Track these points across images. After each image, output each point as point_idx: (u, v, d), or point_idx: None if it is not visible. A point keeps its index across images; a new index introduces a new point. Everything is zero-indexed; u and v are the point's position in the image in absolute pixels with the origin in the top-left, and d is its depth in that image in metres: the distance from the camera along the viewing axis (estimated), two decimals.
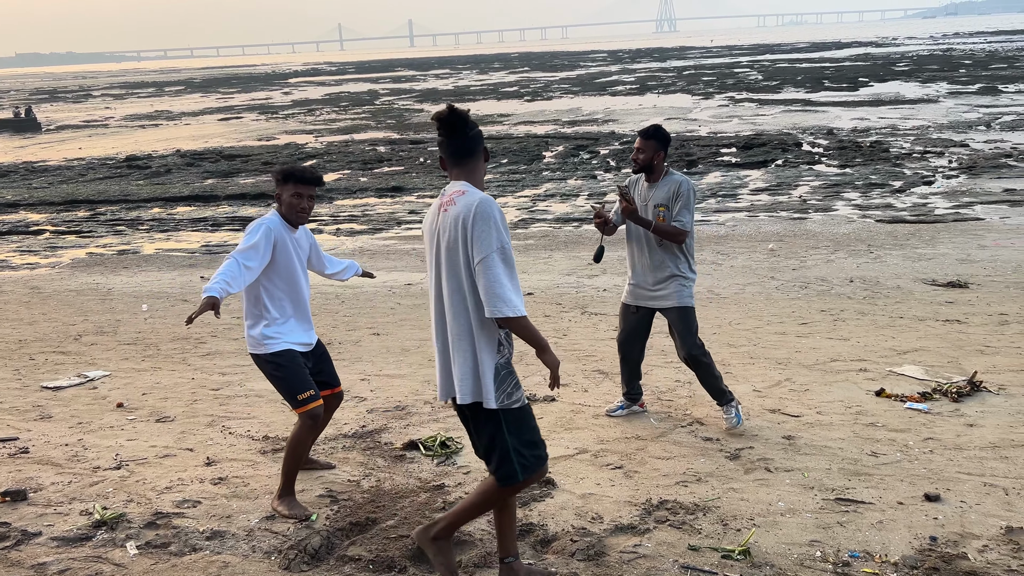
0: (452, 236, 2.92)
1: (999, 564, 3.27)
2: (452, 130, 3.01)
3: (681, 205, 4.65)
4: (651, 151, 4.69)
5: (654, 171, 4.75)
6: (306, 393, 3.86)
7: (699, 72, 54.65)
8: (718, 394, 4.82)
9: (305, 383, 3.88)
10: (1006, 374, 5.82)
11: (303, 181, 3.89)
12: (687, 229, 4.66)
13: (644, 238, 4.76)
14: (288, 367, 3.86)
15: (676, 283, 4.74)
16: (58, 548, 3.58)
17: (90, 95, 67.17)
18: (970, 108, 27.16)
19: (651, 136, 4.71)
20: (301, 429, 3.88)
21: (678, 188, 4.68)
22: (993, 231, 11.67)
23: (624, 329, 5.00)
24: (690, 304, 4.78)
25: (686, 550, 3.43)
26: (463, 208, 2.91)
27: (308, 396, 3.86)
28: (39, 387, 6.18)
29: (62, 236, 14.48)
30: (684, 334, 4.76)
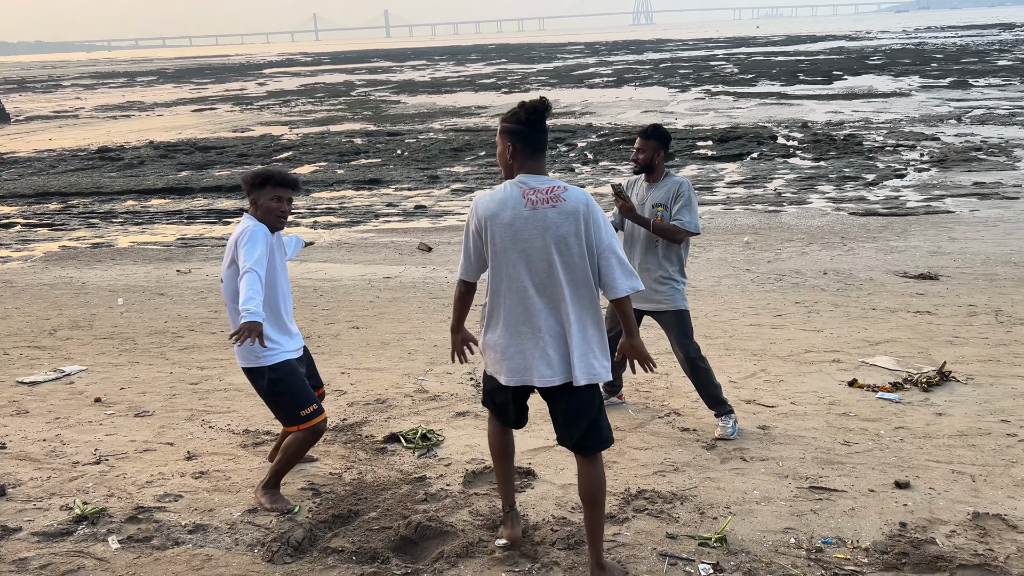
0: (567, 229, 3.03)
1: (966, 548, 3.38)
2: (542, 121, 3.08)
3: (682, 205, 4.64)
4: (651, 151, 4.68)
5: (654, 171, 4.74)
6: (309, 408, 3.79)
7: (676, 65, 54.87)
8: (716, 403, 4.73)
9: (308, 397, 3.81)
10: (974, 364, 5.96)
11: (283, 184, 3.81)
12: (687, 228, 4.63)
13: (640, 241, 4.75)
14: (287, 380, 3.78)
15: (670, 287, 4.74)
16: (39, 543, 3.58)
17: (60, 85, 66.10)
18: (941, 102, 27.54)
19: (651, 136, 4.69)
20: (301, 443, 3.82)
21: (678, 189, 4.69)
22: (963, 224, 11.88)
23: (612, 327, 5.00)
24: (685, 307, 4.79)
25: (664, 538, 3.50)
26: (576, 202, 3.04)
27: (312, 411, 3.80)
28: (14, 382, 6.13)
29: (34, 229, 14.29)
30: (680, 337, 4.75)
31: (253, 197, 3.83)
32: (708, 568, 3.26)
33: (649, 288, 4.72)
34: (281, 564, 3.38)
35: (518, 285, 3.08)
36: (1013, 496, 3.87)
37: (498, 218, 3.05)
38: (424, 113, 30.69)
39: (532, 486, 4.04)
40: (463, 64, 71.58)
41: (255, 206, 3.83)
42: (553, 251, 3.03)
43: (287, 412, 3.81)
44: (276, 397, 3.80)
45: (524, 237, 3.04)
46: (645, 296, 4.75)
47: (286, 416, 3.83)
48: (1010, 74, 36.02)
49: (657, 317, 4.80)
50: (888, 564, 3.28)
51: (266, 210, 3.80)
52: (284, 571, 3.33)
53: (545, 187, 3.05)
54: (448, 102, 35.09)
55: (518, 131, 3.07)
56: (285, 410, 3.82)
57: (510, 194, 3.06)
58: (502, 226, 3.05)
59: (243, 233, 3.73)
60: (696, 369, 4.72)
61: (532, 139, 3.07)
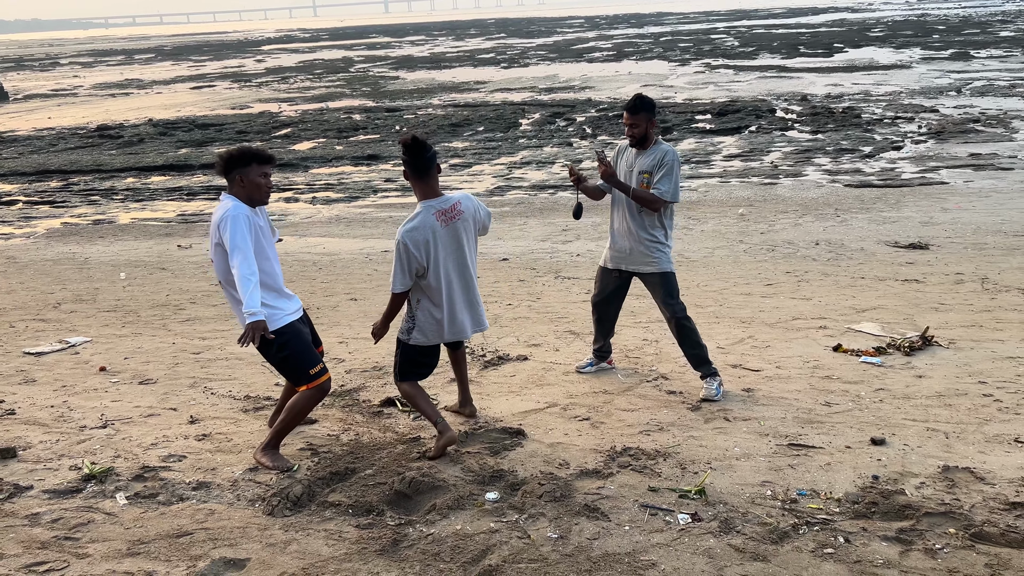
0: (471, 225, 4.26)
1: (933, 499, 3.54)
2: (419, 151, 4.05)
3: (663, 174, 4.74)
4: (644, 123, 4.76)
5: (647, 140, 4.84)
6: (316, 367, 3.97)
7: (676, 38, 54.55)
8: (701, 363, 4.88)
9: (314, 357, 3.98)
10: (957, 329, 6.10)
11: (268, 160, 3.92)
12: (664, 198, 4.74)
13: (626, 204, 4.85)
14: (293, 342, 3.93)
15: (656, 249, 4.87)
16: (50, 500, 3.75)
17: (58, 63, 65.81)
18: (942, 74, 27.45)
19: (640, 108, 4.75)
20: (308, 400, 3.99)
21: (663, 157, 4.78)
22: (956, 194, 11.97)
23: (601, 291, 5.12)
24: (671, 269, 4.92)
25: (646, 491, 3.67)
26: (470, 205, 4.27)
27: (319, 370, 3.97)
28: (21, 353, 6.29)
29: (35, 206, 14.40)
30: (667, 298, 4.88)
31: (237, 175, 3.89)
32: (687, 518, 3.42)
33: (636, 251, 4.87)
34: (281, 517, 3.54)
35: (449, 276, 4.15)
36: (983, 451, 4.03)
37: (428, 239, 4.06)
38: (423, 89, 30.64)
39: (522, 445, 4.20)
40: (462, 39, 71.15)
41: (239, 184, 3.90)
42: (465, 248, 4.18)
43: (297, 372, 3.98)
44: (284, 360, 3.96)
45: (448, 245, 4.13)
46: (632, 258, 4.90)
47: (296, 376, 3.99)
48: (1012, 45, 35.84)
49: (643, 279, 4.94)
50: (858, 513, 3.44)
51: (254, 186, 3.90)
52: (284, 523, 3.50)
53: (448, 206, 4.13)
54: (447, 77, 34.99)
55: (406, 160, 4.07)
56: (295, 370, 3.98)
57: (428, 219, 4.06)
58: (433, 244, 4.06)
59: (224, 220, 3.81)
60: (683, 329, 4.86)
61: (415, 165, 4.06)
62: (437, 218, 4.06)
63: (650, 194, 4.75)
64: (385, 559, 3.21)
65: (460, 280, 4.19)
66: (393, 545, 3.30)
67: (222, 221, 3.82)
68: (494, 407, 4.76)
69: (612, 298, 5.11)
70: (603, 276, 5.10)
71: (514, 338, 6.16)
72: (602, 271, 5.11)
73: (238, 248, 3.75)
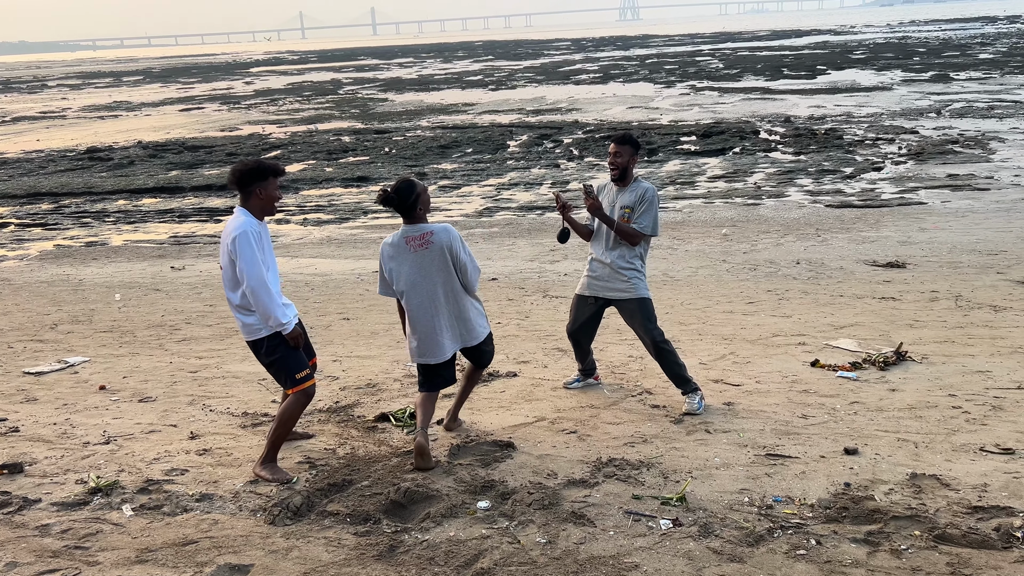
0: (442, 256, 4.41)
1: (901, 503, 3.74)
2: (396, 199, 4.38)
3: (644, 210, 5.00)
4: (627, 155, 5.00)
5: (627, 176, 5.07)
6: (303, 372, 4.19)
7: (662, 60, 55.28)
8: (683, 382, 5.08)
9: (302, 362, 4.21)
10: (930, 345, 6.34)
11: (280, 173, 4.21)
12: (645, 232, 5.02)
13: (606, 235, 5.10)
14: (283, 346, 4.16)
15: (633, 276, 5.09)
16: (58, 512, 3.90)
17: (45, 85, 65.92)
18: (922, 95, 28.01)
19: (627, 141, 5.00)
20: (295, 405, 4.20)
21: (644, 194, 5.03)
22: (934, 214, 12.29)
23: (576, 319, 5.30)
24: (648, 295, 5.15)
25: (630, 499, 3.86)
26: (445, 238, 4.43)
27: (305, 375, 4.20)
28: (21, 373, 6.43)
29: (27, 229, 14.52)
30: (645, 323, 5.08)
31: (255, 188, 4.12)
32: (668, 523, 3.61)
33: (614, 278, 5.09)
34: (282, 526, 3.71)
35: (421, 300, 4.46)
36: (950, 460, 4.24)
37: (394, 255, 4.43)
38: (411, 111, 30.96)
39: (512, 457, 4.39)
40: (450, 61, 71.79)
41: (257, 197, 4.13)
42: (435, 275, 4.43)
43: (284, 375, 4.20)
44: (273, 362, 4.19)
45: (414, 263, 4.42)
46: (610, 285, 5.12)
47: (283, 378, 4.22)
48: (990, 67, 36.57)
49: (620, 305, 5.14)
50: (830, 517, 3.64)
51: (270, 200, 4.16)
52: (285, 532, 3.67)
53: (418, 233, 4.41)
54: (435, 99, 35.37)
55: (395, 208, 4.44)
56: (282, 373, 4.21)
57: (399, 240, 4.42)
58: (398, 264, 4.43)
59: (237, 239, 4.02)
60: (662, 352, 5.07)
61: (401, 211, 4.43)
62: (407, 242, 4.40)
63: (632, 228, 5.01)
64: (382, 564, 3.38)
65: (430, 306, 4.41)
66: (390, 551, 3.47)
67: (236, 242, 4.03)
68: (485, 421, 4.94)
69: (586, 326, 5.29)
70: (579, 304, 5.27)
71: (504, 355, 6.35)
72: (578, 299, 5.29)
73: (252, 267, 4.00)
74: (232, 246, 4.03)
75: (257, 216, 4.18)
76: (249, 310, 4.14)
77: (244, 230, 4.04)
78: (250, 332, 4.19)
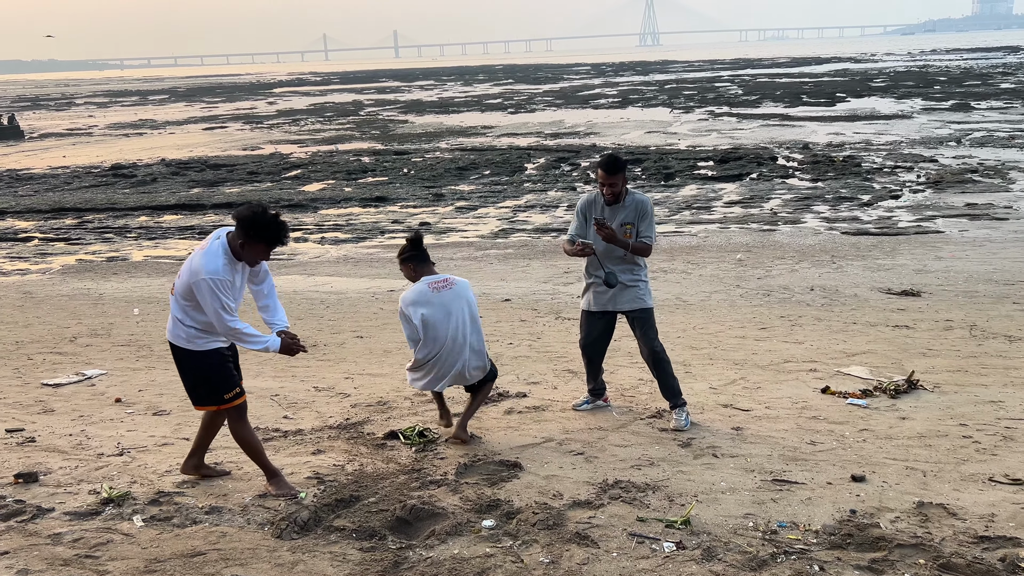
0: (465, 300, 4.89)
1: (906, 532, 3.73)
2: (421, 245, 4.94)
3: (647, 223, 5.14)
4: (620, 181, 5.10)
5: (620, 195, 5.18)
6: (233, 391, 4.23)
7: (680, 86, 55.50)
8: (674, 395, 5.22)
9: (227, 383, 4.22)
10: (943, 374, 6.31)
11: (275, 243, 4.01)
12: (653, 244, 5.20)
13: (615, 254, 5.17)
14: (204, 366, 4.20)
15: (643, 288, 5.25)
16: (71, 521, 3.97)
17: (73, 103, 67.14)
18: (942, 124, 27.94)
19: (619, 169, 5.06)
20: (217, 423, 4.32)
21: (643, 207, 5.16)
22: (951, 243, 12.24)
23: (588, 334, 5.40)
24: (652, 305, 5.31)
25: (635, 521, 3.87)
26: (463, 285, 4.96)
27: (235, 393, 4.24)
28: (39, 384, 6.53)
29: (51, 243, 14.77)
30: (649, 331, 5.23)
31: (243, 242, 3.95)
32: (672, 546, 3.62)
33: (627, 291, 5.22)
34: (289, 540, 3.75)
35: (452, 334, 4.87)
36: (958, 489, 4.22)
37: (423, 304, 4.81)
38: (431, 132, 31.26)
39: (518, 477, 4.41)
40: (470, 84, 72.43)
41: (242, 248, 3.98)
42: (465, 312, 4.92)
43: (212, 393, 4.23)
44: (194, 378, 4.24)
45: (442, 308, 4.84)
46: (623, 298, 5.23)
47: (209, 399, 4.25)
48: (1012, 97, 36.44)
49: (628, 315, 5.28)
50: (834, 544, 3.64)
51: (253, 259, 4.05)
52: (291, 546, 3.71)
53: (441, 279, 4.89)
54: (455, 122, 35.68)
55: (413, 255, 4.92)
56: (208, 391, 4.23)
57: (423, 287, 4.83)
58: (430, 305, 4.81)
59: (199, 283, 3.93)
60: (660, 362, 5.23)
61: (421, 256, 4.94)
62: (430, 287, 4.82)
63: (643, 244, 5.14)
64: None
65: (458, 337, 4.81)
66: (394, 567, 3.51)
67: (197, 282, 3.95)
68: (493, 441, 4.97)
69: (600, 339, 5.40)
70: (589, 320, 5.37)
71: (514, 376, 6.38)
72: (587, 315, 5.38)
73: (219, 319, 3.98)
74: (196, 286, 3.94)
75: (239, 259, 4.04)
76: (184, 324, 4.11)
77: (211, 278, 3.91)
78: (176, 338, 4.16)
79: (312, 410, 5.70)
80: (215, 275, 3.95)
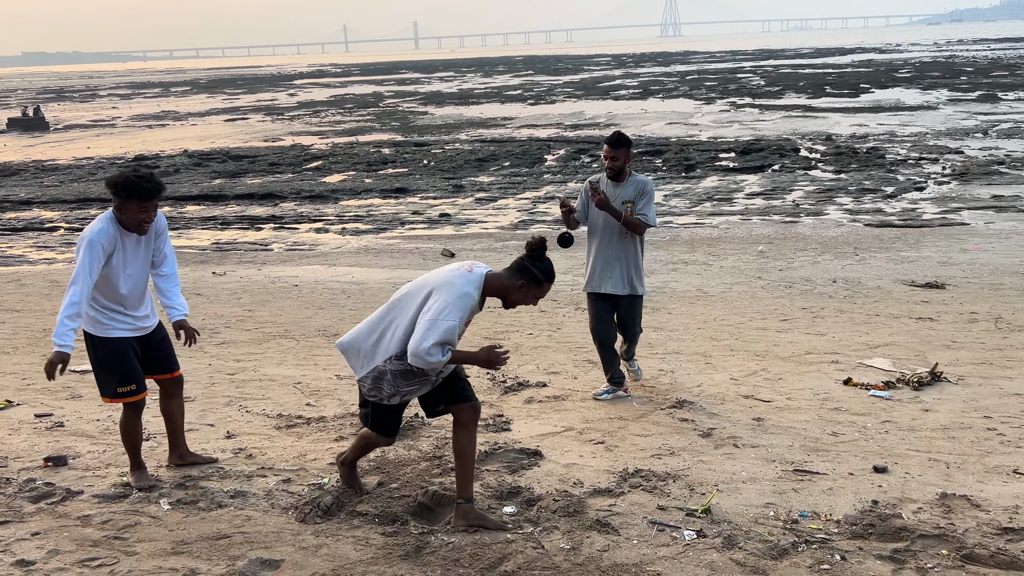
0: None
1: (929, 523, 3.72)
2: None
3: (647, 202, 5.30)
4: (624, 157, 5.29)
5: (623, 173, 5.36)
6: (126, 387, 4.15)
7: (702, 77, 55.11)
8: (632, 356, 5.78)
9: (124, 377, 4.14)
10: (967, 366, 6.25)
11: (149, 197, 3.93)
12: (650, 223, 5.31)
13: (610, 232, 5.33)
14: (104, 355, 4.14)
15: (640, 273, 5.44)
16: (99, 504, 4.04)
17: (97, 95, 67.79)
18: (968, 115, 27.57)
19: (623, 143, 5.30)
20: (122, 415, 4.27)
21: (644, 187, 5.35)
22: (976, 235, 12.10)
23: (596, 315, 5.52)
24: (644, 293, 5.53)
25: (655, 509, 3.88)
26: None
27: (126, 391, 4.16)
28: (67, 371, 6.62)
29: (76, 233, 14.94)
30: (637, 317, 5.53)
31: (117, 203, 3.94)
32: (692, 534, 3.63)
33: (623, 274, 5.38)
34: (312, 524, 3.80)
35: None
36: (982, 481, 4.19)
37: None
38: (451, 124, 31.27)
39: (539, 465, 4.44)
40: (490, 76, 72.32)
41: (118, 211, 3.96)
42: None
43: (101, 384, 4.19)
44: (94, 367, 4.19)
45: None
46: (620, 282, 5.38)
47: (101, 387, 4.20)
48: None
49: (619, 299, 5.43)
50: (856, 533, 3.63)
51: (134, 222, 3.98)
52: (315, 530, 3.76)
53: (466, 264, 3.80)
54: (474, 113, 35.67)
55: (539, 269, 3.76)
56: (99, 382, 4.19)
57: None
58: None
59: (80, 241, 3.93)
60: (634, 337, 5.67)
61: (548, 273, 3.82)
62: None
63: (637, 219, 5.27)
64: (409, 563, 3.45)
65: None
66: (416, 551, 3.54)
67: (80, 242, 3.96)
68: (513, 429, 5.00)
69: (607, 319, 5.52)
70: (594, 301, 5.53)
71: (534, 365, 6.40)
72: (591, 296, 5.55)
73: (77, 277, 3.92)
74: (77, 247, 3.96)
75: (125, 228, 4.00)
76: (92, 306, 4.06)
77: (91, 239, 3.91)
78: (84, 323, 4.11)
79: (334, 398, 5.75)
80: (92, 234, 3.93)
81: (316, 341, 7.54)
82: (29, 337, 7.89)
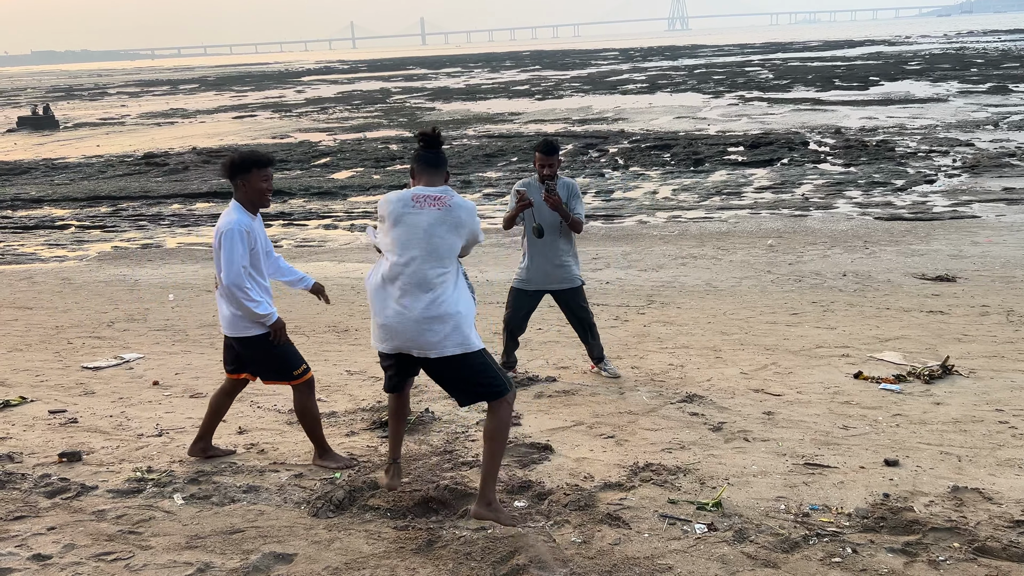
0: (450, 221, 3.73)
1: (940, 516, 3.71)
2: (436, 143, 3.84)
3: (579, 202, 5.68)
4: (556, 163, 5.62)
5: (554, 178, 5.64)
6: (300, 367, 4.32)
7: (710, 71, 54.91)
8: (602, 358, 5.93)
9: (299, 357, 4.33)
10: (979, 360, 6.23)
11: (263, 164, 4.13)
12: (583, 221, 5.71)
13: (553, 232, 5.63)
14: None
15: (575, 266, 5.79)
16: (114, 499, 4.08)
17: (106, 93, 68.03)
18: (979, 107, 27.40)
19: (555, 151, 5.63)
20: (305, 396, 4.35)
21: (574, 188, 5.71)
22: (987, 228, 12.03)
23: (516, 309, 5.86)
24: (582, 283, 5.88)
25: (666, 503, 3.89)
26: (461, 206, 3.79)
27: (302, 370, 4.33)
28: (80, 367, 6.69)
29: (87, 231, 15.04)
30: (583, 303, 5.86)
31: (239, 181, 4.12)
32: (703, 527, 3.64)
33: (559, 272, 5.70)
34: (324, 518, 3.83)
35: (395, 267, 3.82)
36: (994, 474, 4.18)
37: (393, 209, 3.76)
38: (458, 120, 31.27)
39: (549, 459, 4.45)
40: (497, 71, 72.23)
41: (241, 189, 4.13)
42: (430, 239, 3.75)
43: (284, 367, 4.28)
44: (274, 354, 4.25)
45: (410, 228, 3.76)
46: (553, 277, 5.71)
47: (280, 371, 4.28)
48: None
49: (560, 294, 5.75)
50: (867, 527, 3.63)
51: (256, 192, 4.13)
52: (327, 524, 3.78)
53: (430, 194, 3.74)
54: (482, 109, 35.65)
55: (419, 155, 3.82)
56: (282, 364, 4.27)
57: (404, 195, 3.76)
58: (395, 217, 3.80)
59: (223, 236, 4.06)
60: (592, 328, 5.89)
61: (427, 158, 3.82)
62: (413, 198, 3.69)
63: (577, 218, 5.63)
64: (421, 557, 3.47)
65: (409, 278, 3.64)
66: (428, 545, 3.56)
67: (221, 235, 4.09)
68: (523, 424, 5.01)
69: (525, 315, 5.88)
70: (518, 297, 5.83)
71: (543, 360, 6.41)
72: (518, 292, 5.84)
73: (230, 265, 4.05)
74: (219, 242, 4.09)
75: (248, 209, 4.18)
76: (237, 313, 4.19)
77: (229, 230, 4.05)
78: (242, 328, 4.21)
79: (345, 393, 5.78)
80: (230, 224, 4.08)
81: (326, 337, 7.58)
82: (42, 334, 7.95)
